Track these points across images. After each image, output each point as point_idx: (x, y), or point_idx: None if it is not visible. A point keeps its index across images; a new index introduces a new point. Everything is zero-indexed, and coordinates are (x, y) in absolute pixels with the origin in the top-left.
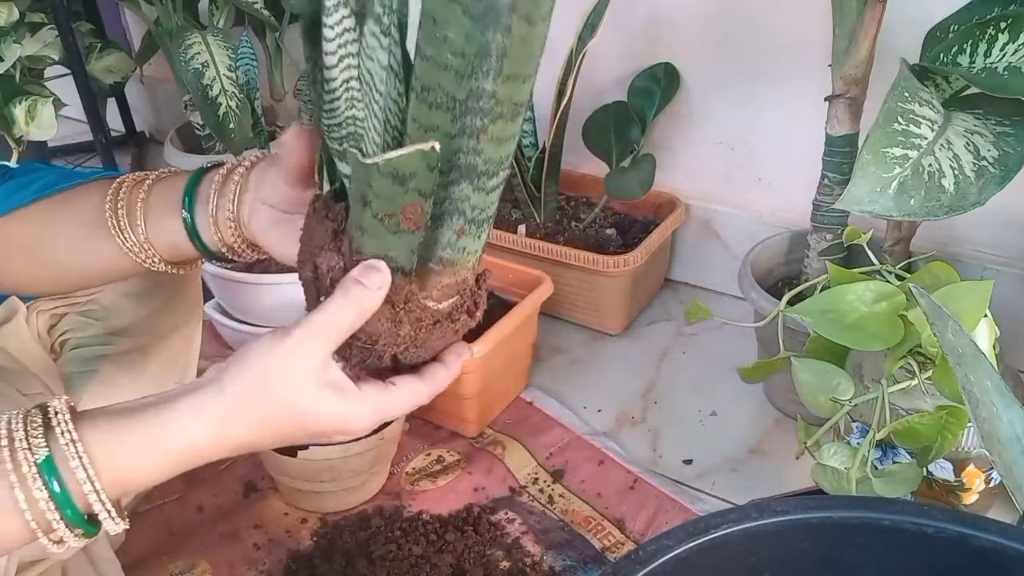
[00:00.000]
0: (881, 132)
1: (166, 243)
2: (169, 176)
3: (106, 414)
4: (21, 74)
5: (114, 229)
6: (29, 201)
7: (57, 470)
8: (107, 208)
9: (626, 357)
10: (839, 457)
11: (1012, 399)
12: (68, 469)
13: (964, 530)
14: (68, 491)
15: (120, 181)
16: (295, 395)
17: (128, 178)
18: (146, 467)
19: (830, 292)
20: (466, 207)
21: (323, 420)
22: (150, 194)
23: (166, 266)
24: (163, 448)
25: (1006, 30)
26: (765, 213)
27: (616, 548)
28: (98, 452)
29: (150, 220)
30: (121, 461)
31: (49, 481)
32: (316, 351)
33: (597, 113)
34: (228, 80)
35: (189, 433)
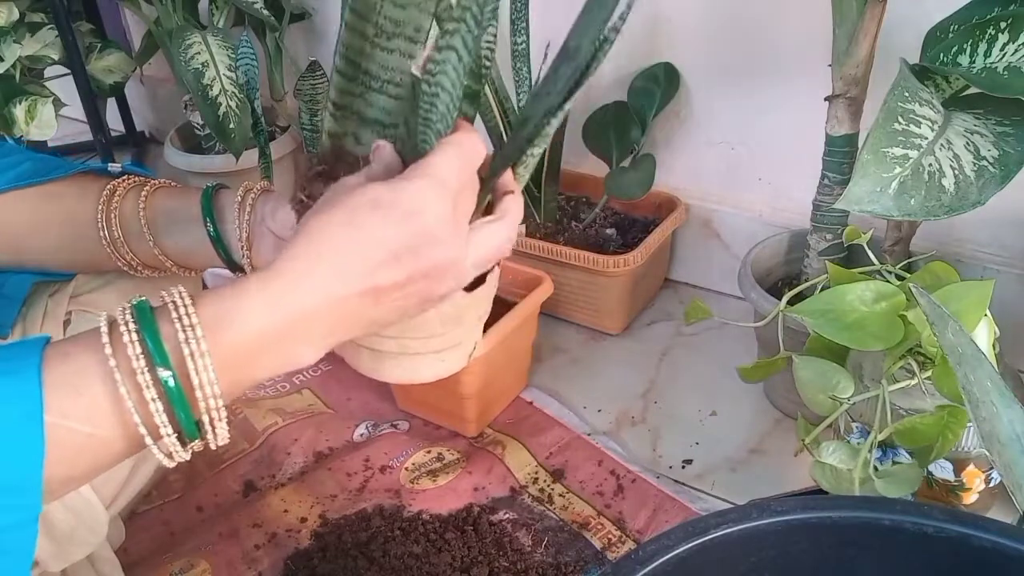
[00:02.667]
0: (881, 132)
1: (179, 254)
2: (167, 189)
3: (217, 288)
4: (21, 74)
5: (105, 240)
6: (4, 188)
7: (168, 356)
8: (99, 218)
9: (626, 357)
10: (838, 455)
11: (1012, 399)
12: (182, 359)
13: (964, 530)
14: (181, 385)
15: (111, 190)
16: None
17: (118, 185)
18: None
19: (830, 292)
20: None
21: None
22: (150, 207)
23: (178, 269)
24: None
25: (1006, 30)
26: (765, 213)
27: (616, 548)
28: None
29: (158, 232)
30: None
31: (157, 360)
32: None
33: (597, 113)
34: (228, 80)
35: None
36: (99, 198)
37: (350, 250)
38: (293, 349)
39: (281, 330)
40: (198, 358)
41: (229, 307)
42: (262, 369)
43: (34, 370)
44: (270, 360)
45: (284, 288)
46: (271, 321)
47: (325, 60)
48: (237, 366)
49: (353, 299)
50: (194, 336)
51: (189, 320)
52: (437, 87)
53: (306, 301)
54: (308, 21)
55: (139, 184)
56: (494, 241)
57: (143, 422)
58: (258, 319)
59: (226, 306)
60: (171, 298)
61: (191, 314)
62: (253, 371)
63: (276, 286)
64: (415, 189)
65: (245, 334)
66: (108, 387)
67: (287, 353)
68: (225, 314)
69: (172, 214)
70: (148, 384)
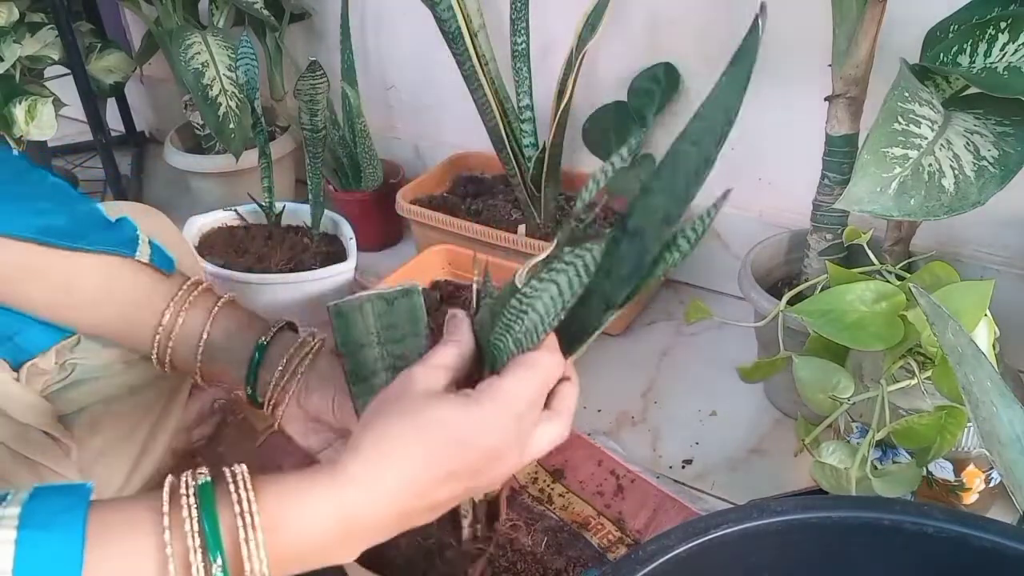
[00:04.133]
0: (881, 132)
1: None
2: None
3: (280, 480)
4: (21, 74)
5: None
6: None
7: (223, 549)
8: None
9: (626, 357)
10: (838, 455)
11: (1012, 399)
12: (236, 549)
13: (964, 530)
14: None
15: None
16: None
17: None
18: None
19: (830, 292)
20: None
21: (460, 422)
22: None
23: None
24: (343, 514)
25: (1006, 30)
26: (765, 213)
27: (616, 548)
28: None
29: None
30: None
31: (212, 554)
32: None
33: (597, 113)
34: (228, 80)
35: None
36: (167, 300)
37: (419, 472)
38: (343, 552)
39: (340, 537)
40: (255, 559)
41: (292, 505)
42: (309, 566)
43: (78, 534)
44: (320, 558)
45: (352, 498)
46: (331, 531)
47: (325, 60)
48: (288, 561)
49: (414, 513)
50: (254, 538)
51: (252, 519)
52: (528, 307)
53: (370, 515)
54: (308, 21)
55: (205, 293)
56: (550, 439)
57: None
58: (321, 525)
59: (290, 503)
60: (232, 483)
61: (254, 512)
62: (300, 567)
63: (343, 497)
64: (487, 417)
65: (304, 536)
66: (159, 569)
67: (337, 555)
68: (287, 513)
69: (228, 349)
70: (199, 572)
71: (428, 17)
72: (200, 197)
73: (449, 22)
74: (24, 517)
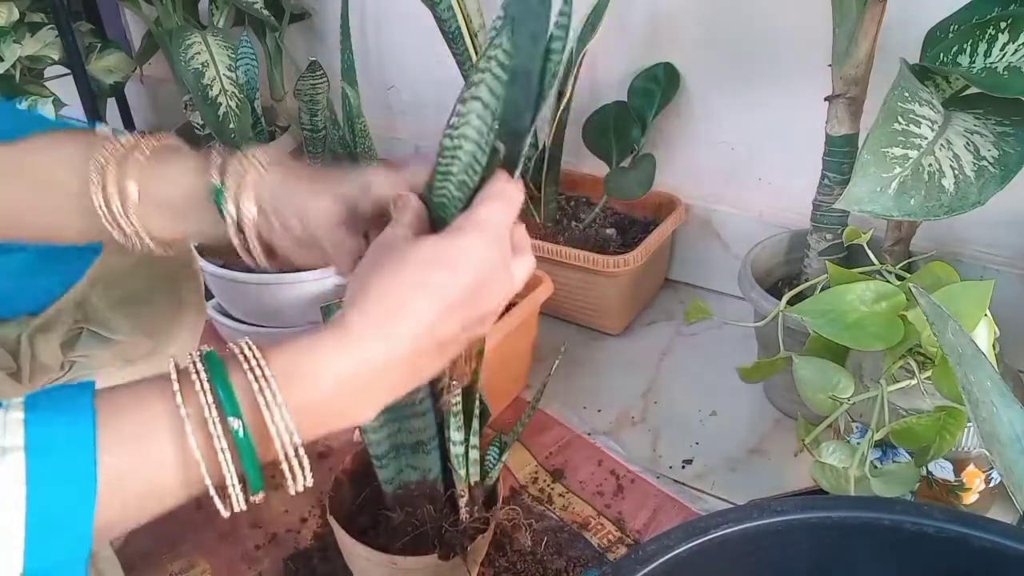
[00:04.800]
0: (881, 132)
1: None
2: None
3: (285, 342)
4: (21, 74)
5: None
6: None
7: (239, 405)
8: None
9: (626, 357)
10: (838, 455)
11: (1012, 399)
12: (255, 406)
13: (964, 530)
14: (251, 436)
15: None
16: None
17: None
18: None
19: (830, 292)
20: None
21: (454, 255)
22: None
23: (155, 244)
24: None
25: (1006, 30)
26: (765, 213)
27: (616, 548)
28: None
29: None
30: (313, 390)
31: (228, 411)
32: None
33: (597, 113)
34: (228, 80)
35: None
36: (89, 165)
37: (421, 309)
38: (359, 408)
39: (354, 388)
40: (274, 408)
41: (304, 362)
42: (324, 427)
43: (88, 412)
44: (333, 418)
45: (360, 347)
46: (346, 378)
47: (325, 60)
48: (306, 418)
49: (422, 355)
50: (268, 388)
51: (262, 372)
52: (460, 138)
53: (380, 360)
54: (308, 21)
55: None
56: (526, 270)
57: (209, 472)
58: (333, 376)
59: (300, 360)
60: (240, 350)
61: (264, 366)
62: (317, 429)
63: (352, 345)
64: (471, 243)
65: (319, 390)
66: (175, 436)
67: (352, 413)
68: (298, 368)
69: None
70: (219, 435)
71: (428, 17)
72: None
73: (449, 22)
74: (29, 403)
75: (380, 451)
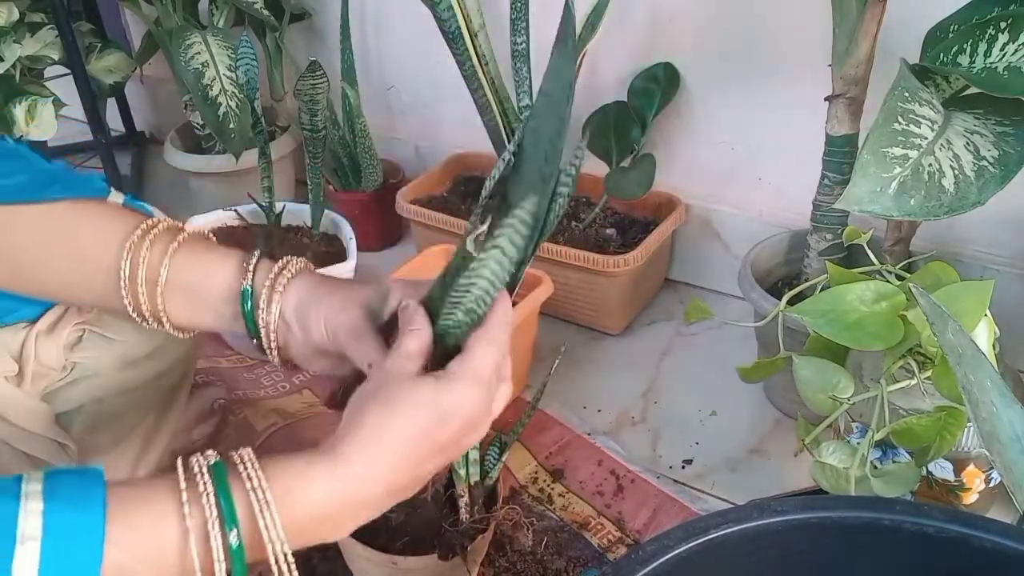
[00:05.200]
0: (881, 132)
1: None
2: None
3: (283, 462)
4: (21, 74)
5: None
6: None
7: (238, 521)
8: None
9: (626, 357)
10: (838, 455)
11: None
12: (252, 519)
13: (964, 530)
14: (243, 545)
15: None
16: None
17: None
18: (325, 516)
19: (830, 292)
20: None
21: (439, 398)
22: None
23: (175, 331)
24: (343, 491)
25: (1006, 30)
26: (765, 213)
27: (616, 548)
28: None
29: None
30: (304, 510)
31: (228, 531)
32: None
33: (597, 113)
34: (228, 80)
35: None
36: (125, 242)
37: (410, 449)
38: (340, 527)
39: (338, 511)
40: (272, 530)
41: (298, 486)
42: (308, 541)
43: (100, 507)
44: (318, 536)
45: (349, 477)
46: (333, 503)
47: (325, 60)
48: (293, 535)
49: (406, 488)
50: (269, 511)
51: (264, 494)
52: (476, 277)
53: (367, 491)
54: (308, 21)
55: (169, 232)
56: (504, 399)
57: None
58: (322, 502)
59: (296, 484)
60: (241, 464)
61: (265, 488)
62: (300, 543)
63: (343, 476)
64: (463, 392)
65: (307, 513)
66: (178, 542)
67: (333, 531)
68: (291, 492)
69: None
70: (219, 547)
71: (428, 17)
72: (200, 197)
73: (449, 22)
74: (47, 491)
75: None
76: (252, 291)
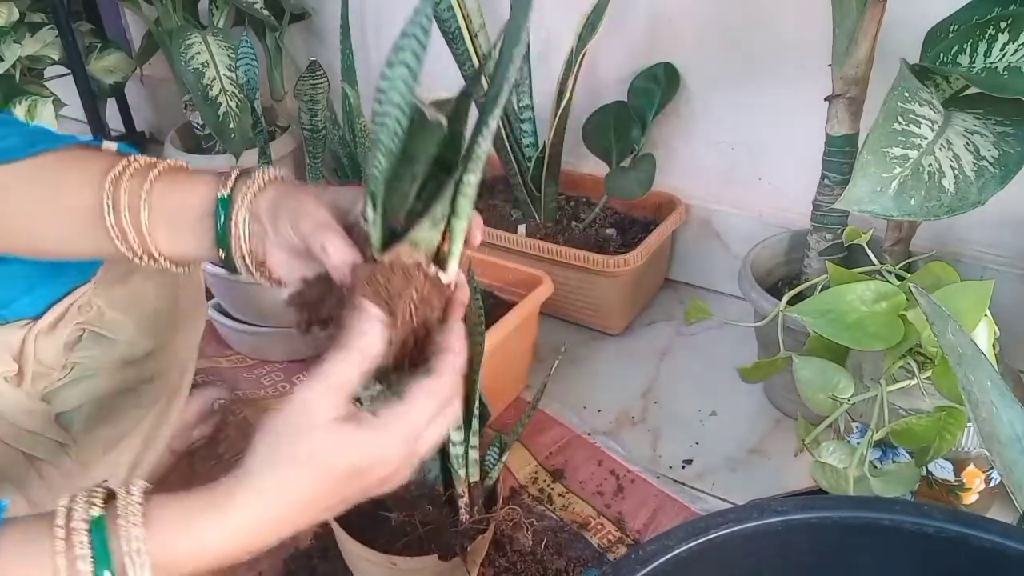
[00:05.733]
0: (881, 132)
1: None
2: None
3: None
4: (21, 74)
5: (115, 231)
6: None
7: (111, 559)
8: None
9: (626, 357)
10: (838, 455)
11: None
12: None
13: (964, 530)
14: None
15: (117, 174)
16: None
17: (125, 169)
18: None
19: (830, 292)
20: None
21: (357, 454)
22: (152, 193)
23: (168, 264)
24: (229, 540)
25: (1006, 30)
26: (765, 213)
27: (616, 548)
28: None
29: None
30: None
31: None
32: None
33: (597, 113)
34: (228, 80)
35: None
36: (104, 181)
37: (310, 499)
38: (235, 557)
39: (229, 554)
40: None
41: (180, 535)
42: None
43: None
44: (211, 569)
45: (238, 516)
46: (220, 549)
47: (325, 60)
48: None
49: (302, 526)
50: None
51: (140, 554)
52: (388, 104)
53: (257, 526)
54: (308, 21)
55: (148, 166)
56: (431, 400)
57: None
58: (207, 549)
59: (177, 534)
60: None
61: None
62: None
63: (231, 515)
64: (384, 446)
65: (192, 559)
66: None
67: (228, 561)
68: (175, 543)
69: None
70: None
71: None
72: None
73: (449, 22)
74: None
75: None
76: (229, 199)
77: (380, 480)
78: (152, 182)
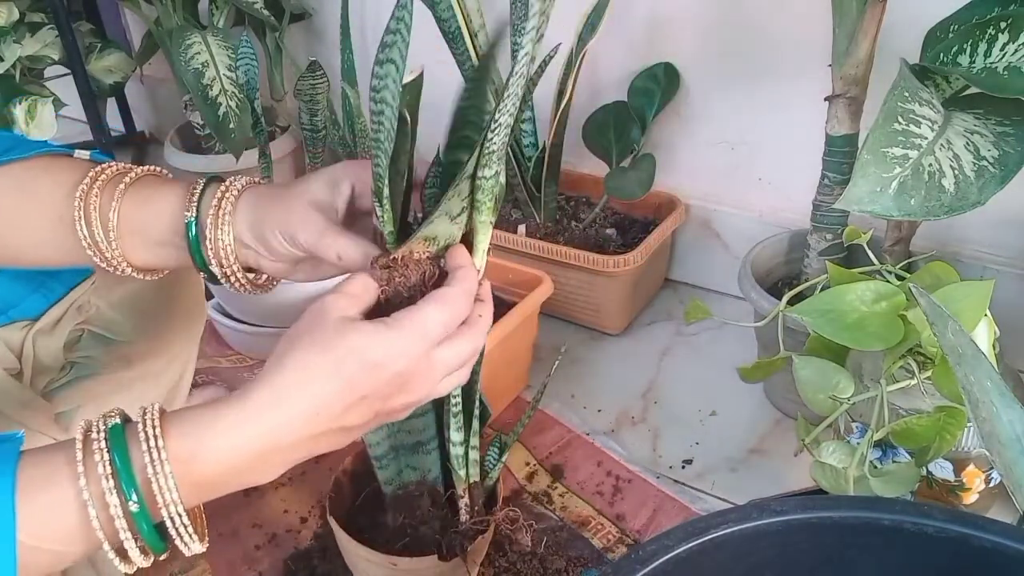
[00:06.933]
0: (881, 132)
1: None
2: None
3: (190, 416)
4: (21, 74)
5: (86, 241)
6: None
7: (137, 485)
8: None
9: (626, 357)
10: (838, 455)
11: (1012, 399)
12: (146, 478)
13: (964, 530)
14: (146, 509)
15: (88, 184)
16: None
17: (96, 178)
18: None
19: (830, 292)
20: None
21: (368, 344)
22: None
23: (144, 275)
24: (255, 441)
25: (1006, 30)
26: (765, 213)
27: (616, 548)
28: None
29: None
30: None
31: (127, 492)
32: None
33: (597, 113)
34: (228, 80)
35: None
36: (75, 190)
37: (331, 398)
38: (260, 475)
39: (249, 460)
40: (164, 490)
41: (200, 440)
42: (224, 491)
43: (8, 493)
44: (233, 485)
45: (260, 423)
46: (244, 457)
47: (325, 60)
48: (204, 487)
49: (322, 437)
50: (162, 471)
51: (159, 453)
52: (382, 103)
53: (278, 437)
54: (308, 21)
55: (119, 175)
56: (463, 356)
57: (109, 542)
58: (232, 454)
59: (198, 438)
60: (141, 423)
61: (160, 447)
62: (215, 493)
63: (254, 425)
64: (400, 341)
65: (216, 465)
66: (80, 513)
67: (250, 479)
68: (194, 449)
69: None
70: (119, 516)
71: (428, 17)
72: None
73: (449, 22)
74: None
75: (379, 452)
76: (197, 221)
77: (397, 377)
78: (123, 192)
